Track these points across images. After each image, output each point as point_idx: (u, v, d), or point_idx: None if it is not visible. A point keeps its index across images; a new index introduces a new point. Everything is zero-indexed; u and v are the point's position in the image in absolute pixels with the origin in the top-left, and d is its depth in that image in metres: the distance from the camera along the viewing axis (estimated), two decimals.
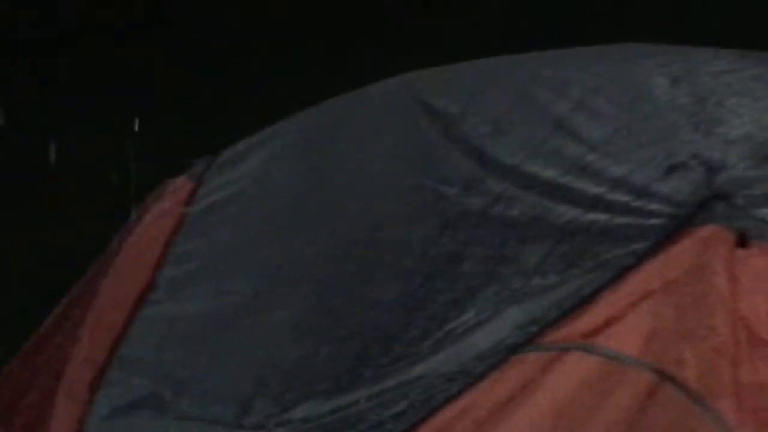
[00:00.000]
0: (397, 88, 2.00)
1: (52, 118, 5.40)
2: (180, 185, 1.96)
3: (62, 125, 5.18)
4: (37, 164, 5.08)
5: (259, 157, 1.93)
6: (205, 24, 6.61)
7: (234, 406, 1.57)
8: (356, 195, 1.81)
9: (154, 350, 1.72)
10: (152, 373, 1.67)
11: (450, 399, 1.40)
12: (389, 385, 1.47)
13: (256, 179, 1.92)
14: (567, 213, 1.56)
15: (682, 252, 1.39)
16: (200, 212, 1.89)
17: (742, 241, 1.40)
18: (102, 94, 5.48)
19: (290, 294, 1.72)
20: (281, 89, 4.91)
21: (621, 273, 1.42)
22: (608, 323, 1.38)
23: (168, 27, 6.58)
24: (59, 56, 6.22)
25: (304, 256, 1.77)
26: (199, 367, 1.66)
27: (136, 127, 4.60)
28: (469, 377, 1.42)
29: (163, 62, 6.19)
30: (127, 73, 6.04)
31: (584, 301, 1.41)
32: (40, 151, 5.07)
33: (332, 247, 1.77)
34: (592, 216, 1.53)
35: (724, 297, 1.34)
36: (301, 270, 1.76)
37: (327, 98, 2.10)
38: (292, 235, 1.81)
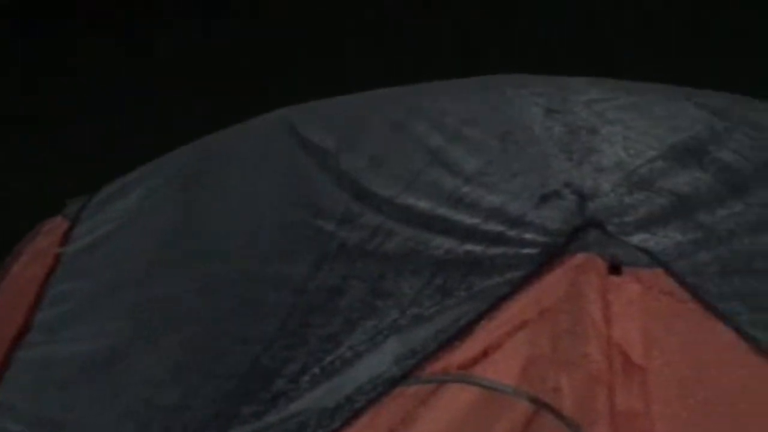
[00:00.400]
0: (275, 123, 1.96)
1: None
2: (55, 225, 1.93)
3: None
4: None
5: (137, 194, 1.89)
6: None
7: None
8: (234, 231, 1.76)
9: (30, 394, 1.65)
10: (28, 419, 1.61)
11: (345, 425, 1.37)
12: (270, 422, 1.43)
13: (133, 217, 1.87)
14: (443, 244, 1.54)
15: (556, 280, 1.39)
16: (76, 252, 1.85)
17: (615, 268, 1.40)
18: None
19: (169, 333, 1.65)
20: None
21: (497, 302, 1.40)
22: (486, 353, 1.36)
23: None
24: None
25: (181, 294, 1.70)
26: (77, 410, 1.59)
27: None
28: (349, 411, 1.39)
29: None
30: None
31: (461, 332, 1.39)
32: None
33: (210, 284, 1.70)
34: (468, 246, 1.51)
35: (598, 324, 1.33)
36: (179, 309, 1.68)
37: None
38: (170, 273, 1.76)
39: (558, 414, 1.28)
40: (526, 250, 1.46)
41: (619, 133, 1.73)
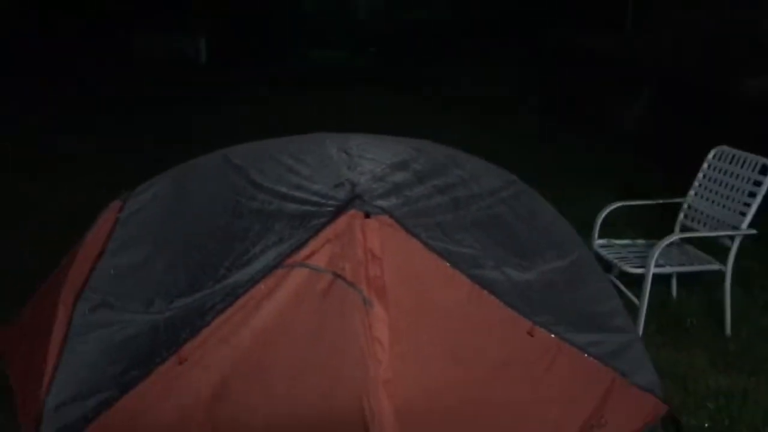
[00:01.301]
0: (218, 155, 3.39)
1: None
2: (115, 204, 3.25)
3: None
4: None
5: (150, 192, 3.25)
6: None
7: (145, 304, 2.76)
8: (201, 206, 3.12)
9: (105, 281, 2.87)
10: (103, 292, 2.83)
11: (244, 292, 2.65)
12: (216, 288, 2.69)
13: (148, 202, 3.20)
14: (292, 207, 2.85)
15: (342, 222, 2.70)
16: (124, 217, 3.16)
17: (367, 215, 2.73)
18: None
19: (165, 251, 2.94)
20: None
21: (316, 232, 2.71)
22: (312, 254, 2.68)
23: None
24: None
25: (170, 234, 3.02)
26: (125, 288, 2.84)
27: None
28: (252, 283, 2.65)
29: None
30: None
31: (302, 245, 2.69)
32: None
33: (190, 232, 3.01)
34: (304, 208, 2.82)
35: (360, 240, 2.66)
36: (169, 241, 2.98)
37: None
38: (168, 228, 3.06)
39: (345, 279, 2.59)
40: (328, 209, 2.78)
41: (369, 157, 3.17)
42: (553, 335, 2.95)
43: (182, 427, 2.57)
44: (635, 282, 4.33)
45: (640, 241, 4.73)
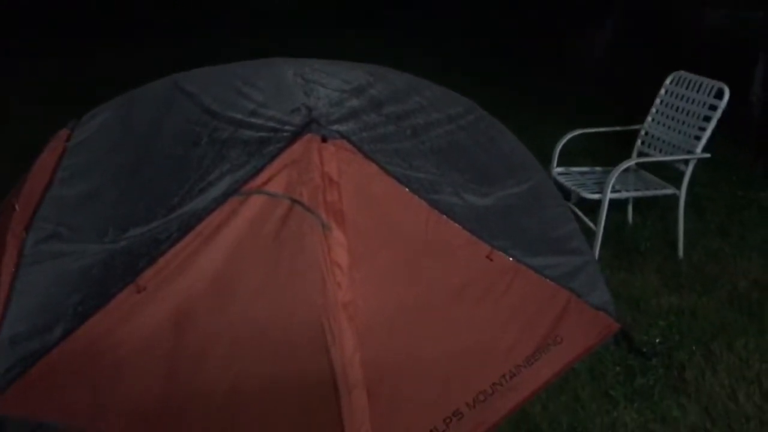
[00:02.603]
0: (168, 80, 3.25)
1: None
2: (63, 133, 3.15)
3: None
4: None
5: (98, 119, 3.14)
6: None
7: (98, 234, 2.68)
8: (151, 132, 3.00)
9: (55, 211, 2.77)
10: (54, 222, 2.73)
11: (201, 220, 2.58)
12: (172, 217, 2.62)
13: (96, 130, 3.10)
14: (247, 134, 2.77)
15: (299, 147, 2.63)
16: (72, 146, 3.04)
17: (324, 139, 2.67)
18: None
19: (117, 181, 2.84)
20: None
21: (273, 158, 2.64)
22: (268, 180, 2.61)
23: None
24: None
25: (121, 163, 2.91)
26: (76, 218, 2.74)
27: None
28: (207, 211, 2.59)
29: None
30: None
31: (257, 172, 2.62)
32: None
33: (137, 158, 2.91)
34: (260, 134, 2.75)
35: (317, 164, 2.60)
36: (121, 170, 2.88)
37: None
38: (118, 157, 2.95)
39: (302, 204, 2.54)
40: (285, 134, 2.71)
41: (326, 83, 3.09)
42: (510, 258, 2.95)
43: (143, 356, 2.54)
44: (593, 209, 4.34)
45: (598, 168, 4.75)
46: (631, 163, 4.50)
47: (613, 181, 4.17)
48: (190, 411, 2.51)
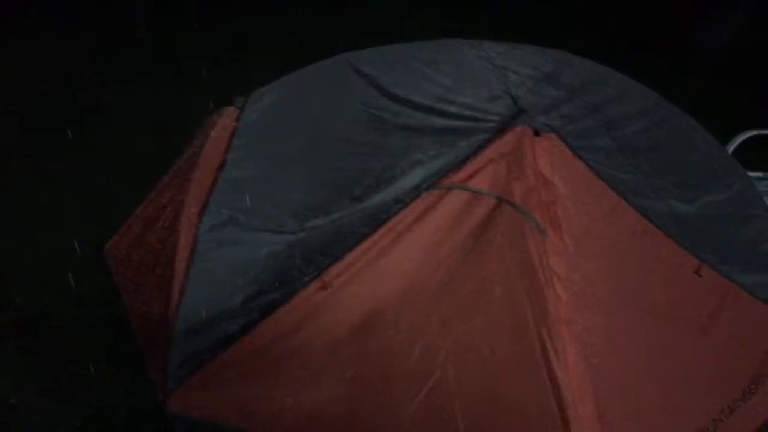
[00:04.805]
0: (340, 61, 2.95)
1: None
2: (231, 111, 2.92)
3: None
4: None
5: (267, 98, 2.89)
6: None
7: (276, 222, 2.45)
8: (329, 117, 2.73)
9: (229, 195, 2.56)
10: (229, 207, 2.51)
11: (390, 215, 2.32)
12: (356, 209, 2.39)
13: (266, 110, 2.86)
14: (439, 121, 2.51)
15: (510, 139, 2.35)
16: (242, 125, 2.82)
17: (536, 132, 2.38)
18: None
19: (290, 165, 2.60)
20: None
21: (476, 150, 2.36)
22: (472, 175, 2.32)
23: None
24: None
25: (294, 147, 2.66)
26: (251, 204, 2.51)
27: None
28: (398, 205, 2.34)
29: None
30: None
31: (459, 164, 2.35)
32: None
33: (310, 142, 2.65)
34: (455, 123, 2.48)
35: (530, 160, 2.30)
36: (294, 155, 2.63)
37: None
38: (291, 140, 2.70)
39: (513, 204, 2.25)
40: (490, 124, 2.43)
41: (516, 69, 2.76)
42: (721, 275, 2.58)
43: (328, 359, 2.29)
44: None
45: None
46: None
47: None
48: (377, 422, 2.23)
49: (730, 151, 4.19)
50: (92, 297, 3.38)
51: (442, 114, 2.53)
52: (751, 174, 4.11)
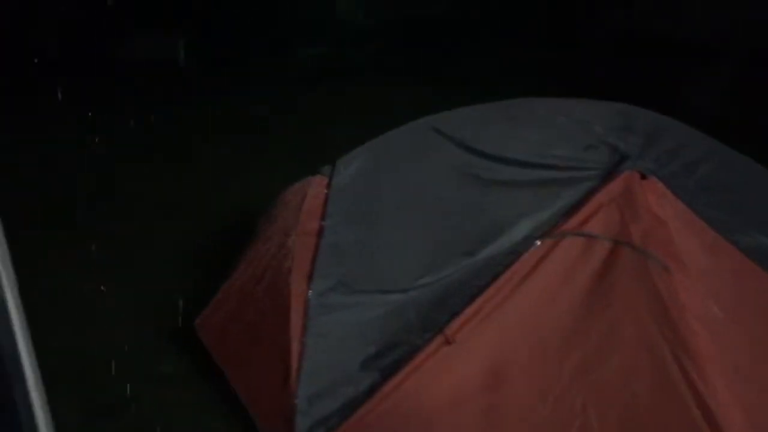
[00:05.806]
0: (422, 124, 2.99)
1: None
2: (320, 179, 2.93)
3: None
4: None
5: (354, 165, 2.89)
6: None
7: (385, 284, 2.45)
8: (416, 181, 2.76)
9: (334, 260, 2.56)
10: (336, 272, 2.50)
11: (507, 266, 2.33)
12: (469, 263, 2.41)
13: (355, 176, 2.86)
14: (535, 173, 2.56)
15: (618, 184, 2.38)
16: (333, 192, 2.83)
17: (643, 176, 2.41)
18: None
19: (389, 228, 2.62)
20: None
21: (585, 197, 2.39)
22: (584, 222, 2.35)
23: None
24: None
25: (389, 209, 2.70)
26: (357, 268, 2.52)
27: None
28: (511, 256, 2.35)
29: None
30: None
31: (569, 212, 2.38)
32: None
33: (405, 203, 2.69)
34: (554, 174, 2.52)
35: (642, 202, 2.33)
36: (390, 217, 2.66)
37: None
38: (385, 203, 2.74)
39: (632, 245, 2.26)
40: (592, 172, 2.47)
41: (593, 121, 2.78)
42: None
43: (457, 414, 2.25)
44: None
45: None
46: None
47: None
48: None
49: None
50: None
51: (539, 166, 2.57)
52: None
